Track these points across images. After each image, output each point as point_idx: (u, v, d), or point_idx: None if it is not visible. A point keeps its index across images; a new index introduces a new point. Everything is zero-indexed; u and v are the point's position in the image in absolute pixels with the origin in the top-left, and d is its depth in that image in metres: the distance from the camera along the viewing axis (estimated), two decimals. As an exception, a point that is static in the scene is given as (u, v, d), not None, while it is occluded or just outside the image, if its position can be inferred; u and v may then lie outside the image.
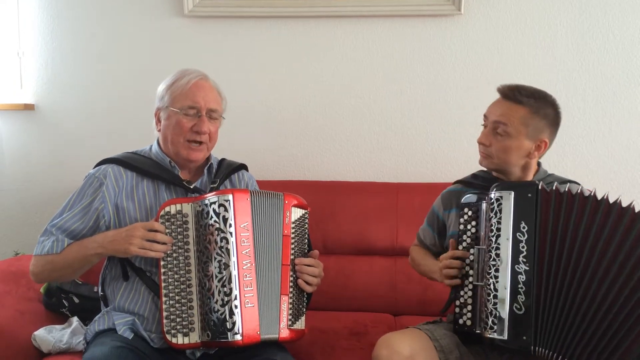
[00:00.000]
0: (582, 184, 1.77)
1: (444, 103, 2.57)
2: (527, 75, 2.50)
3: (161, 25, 2.62)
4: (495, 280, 1.52)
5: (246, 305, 1.57)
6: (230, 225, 1.58)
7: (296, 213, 1.71)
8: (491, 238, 1.55)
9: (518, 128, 1.66)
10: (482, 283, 1.56)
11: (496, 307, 1.51)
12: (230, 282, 1.56)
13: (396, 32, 2.56)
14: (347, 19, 2.56)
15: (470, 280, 1.60)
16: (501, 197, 1.55)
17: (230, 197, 1.60)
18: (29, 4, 2.65)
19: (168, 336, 1.58)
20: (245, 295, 1.57)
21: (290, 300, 1.65)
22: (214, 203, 1.59)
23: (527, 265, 1.51)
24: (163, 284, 1.60)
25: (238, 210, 1.60)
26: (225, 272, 1.57)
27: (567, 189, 1.53)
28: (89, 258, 1.65)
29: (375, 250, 2.37)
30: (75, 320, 1.97)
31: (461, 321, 1.61)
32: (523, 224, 1.52)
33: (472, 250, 1.61)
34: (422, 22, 2.54)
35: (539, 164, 1.79)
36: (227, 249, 1.57)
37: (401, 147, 2.60)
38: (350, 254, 2.38)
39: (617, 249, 1.46)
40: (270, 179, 2.49)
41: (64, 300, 2.05)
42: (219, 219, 1.58)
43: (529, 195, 1.54)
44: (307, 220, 1.75)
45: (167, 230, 1.61)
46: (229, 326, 1.54)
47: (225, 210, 1.58)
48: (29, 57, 2.67)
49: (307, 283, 1.69)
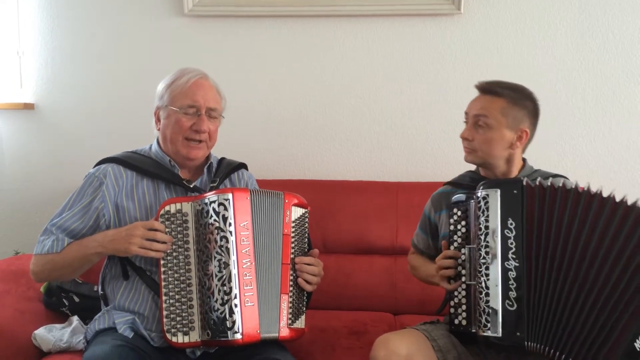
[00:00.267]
0: (569, 178, 1.79)
1: (443, 102, 2.57)
2: (527, 75, 2.51)
3: (161, 24, 2.62)
4: (487, 278, 1.53)
5: (246, 304, 1.57)
6: (230, 224, 1.58)
7: (296, 212, 1.71)
8: (480, 236, 1.56)
9: (498, 119, 1.70)
10: (474, 282, 1.57)
11: (488, 304, 1.52)
12: (230, 281, 1.56)
13: (396, 32, 2.56)
14: (347, 18, 2.56)
15: (463, 279, 1.61)
16: (487, 195, 1.57)
17: (229, 196, 1.60)
18: (29, 4, 2.65)
19: (168, 335, 1.58)
20: (245, 294, 1.57)
21: (290, 299, 1.65)
22: (213, 202, 1.59)
23: (517, 261, 1.52)
24: (163, 283, 1.60)
25: (238, 209, 1.60)
26: (225, 271, 1.56)
27: (550, 183, 1.55)
28: (89, 257, 1.65)
29: (375, 250, 2.37)
30: (75, 320, 1.97)
31: (457, 321, 1.61)
32: (510, 220, 1.54)
33: (463, 250, 1.62)
34: (422, 22, 2.54)
35: (524, 160, 1.81)
36: (226, 248, 1.57)
37: (401, 146, 2.60)
38: (350, 253, 2.38)
39: (599, 238, 1.48)
40: (270, 179, 2.49)
41: (64, 300, 2.05)
42: (218, 218, 1.58)
43: (515, 191, 1.56)
44: (307, 220, 1.75)
45: (167, 230, 1.61)
46: (229, 325, 1.54)
47: (225, 209, 1.58)
48: (28, 56, 2.67)
49: (307, 282, 1.69)
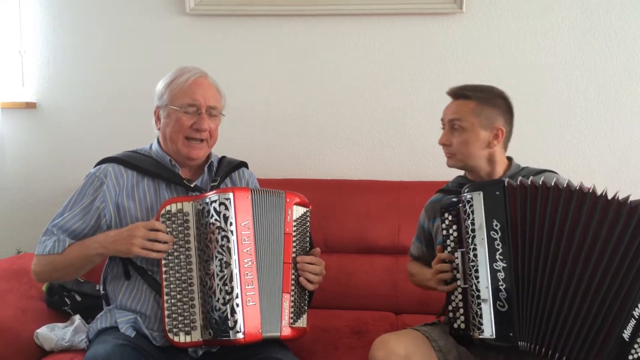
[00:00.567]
0: (558, 172, 1.80)
1: (445, 101, 2.54)
2: (529, 74, 2.51)
3: (162, 23, 2.62)
4: (477, 281, 1.54)
5: (248, 304, 1.56)
6: (231, 223, 1.58)
7: (298, 211, 1.70)
8: (468, 240, 1.57)
9: (471, 120, 1.73)
10: (467, 285, 1.58)
11: (480, 307, 1.52)
12: (231, 281, 1.56)
13: (398, 31, 2.56)
14: (349, 17, 2.56)
15: (459, 283, 1.61)
16: (471, 198, 1.58)
17: (230, 195, 1.59)
18: (30, 3, 2.65)
19: (170, 335, 1.58)
20: (247, 293, 1.57)
21: (292, 298, 1.65)
22: (214, 201, 1.59)
23: (505, 262, 1.53)
24: (164, 283, 1.59)
25: (239, 208, 1.60)
26: (226, 271, 1.56)
27: (531, 182, 1.55)
28: (90, 258, 1.65)
29: (376, 249, 2.37)
30: (77, 318, 1.97)
31: (455, 325, 1.61)
32: (495, 222, 1.55)
33: (456, 254, 1.62)
34: (424, 21, 2.54)
35: (510, 159, 1.82)
36: (228, 248, 1.57)
37: (403, 145, 2.60)
38: (351, 252, 2.38)
39: (582, 233, 1.49)
40: (272, 178, 2.49)
41: (66, 299, 2.05)
42: (219, 217, 1.58)
43: (497, 192, 1.57)
44: (308, 219, 1.74)
45: (168, 229, 1.60)
46: (231, 324, 1.54)
47: (226, 208, 1.58)
48: (30, 55, 2.68)
49: (308, 281, 1.69)
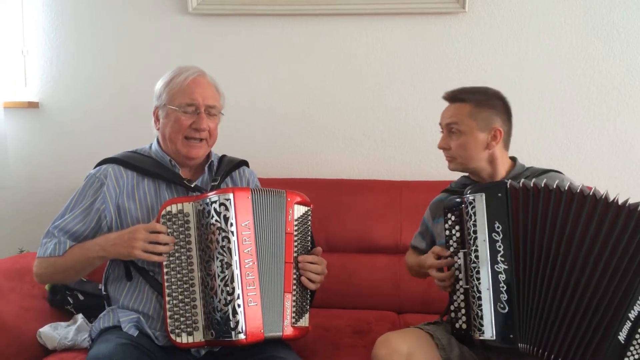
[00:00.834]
0: (563, 172, 1.79)
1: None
2: (531, 73, 2.50)
3: (165, 23, 2.62)
4: (478, 283, 1.54)
5: (249, 304, 1.56)
6: (231, 224, 1.57)
7: (299, 210, 1.70)
8: (469, 241, 1.58)
9: (468, 123, 1.73)
10: (469, 286, 1.58)
11: (481, 308, 1.53)
12: (232, 282, 1.55)
13: (400, 30, 2.55)
14: (351, 17, 2.55)
15: (461, 284, 1.62)
16: (474, 199, 1.58)
17: (230, 196, 1.59)
18: (33, 2, 2.65)
19: (172, 335, 1.58)
20: (248, 294, 1.57)
21: (294, 298, 1.65)
22: (214, 202, 1.58)
23: (506, 264, 1.53)
24: (166, 284, 1.59)
25: (239, 208, 1.59)
26: (227, 272, 1.56)
27: (533, 183, 1.55)
28: (91, 261, 1.65)
29: (378, 248, 2.37)
30: (80, 318, 1.98)
31: (457, 325, 1.62)
32: (497, 223, 1.55)
33: (459, 254, 1.63)
34: (426, 20, 2.53)
35: (514, 159, 1.82)
36: (228, 248, 1.57)
37: (405, 145, 2.60)
38: (353, 251, 2.38)
39: (581, 235, 1.49)
40: (273, 177, 2.49)
41: (68, 298, 2.06)
42: (220, 218, 1.57)
43: (499, 194, 1.57)
44: (310, 218, 1.74)
45: (169, 230, 1.60)
46: (233, 325, 1.54)
47: (226, 209, 1.58)
48: (33, 55, 2.68)
49: (310, 280, 1.68)
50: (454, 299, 1.63)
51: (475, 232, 1.56)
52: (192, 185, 1.74)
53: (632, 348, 1.42)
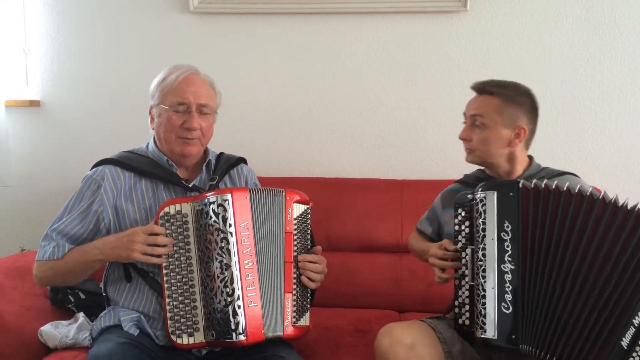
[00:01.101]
0: (579, 176, 1.78)
1: (449, 100, 2.56)
2: (532, 72, 2.50)
3: (166, 21, 2.62)
4: (484, 281, 1.53)
5: (249, 305, 1.56)
6: (230, 225, 1.57)
7: (298, 209, 1.69)
8: (478, 239, 1.56)
9: (493, 118, 1.70)
10: (474, 283, 1.57)
11: (485, 307, 1.52)
12: (232, 283, 1.55)
13: (401, 29, 2.55)
14: (352, 15, 2.55)
15: (466, 280, 1.61)
16: (485, 197, 1.57)
17: (228, 196, 1.58)
18: (34, 1, 2.65)
19: (173, 337, 1.57)
20: (248, 294, 1.56)
21: (294, 297, 1.65)
22: (212, 203, 1.57)
23: (513, 264, 1.52)
24: (166, 285, 1.59)
25: (237, 209, 1.58)
26: (227, 273, 1.55)
27: (545, 185, 1.53)
28: (90, 264, 1.64)
29: (379, 247, 2.37)
30: (81, 316, 1.98)
31: (460, 321, 1.62)
32: (507, 223, 1.53)
33: (467, 250, 1.62)
34: (428, 19, 2.53)
35: (531, 158, 1.80)
36: (227, 249, 1.56)
37: (406, 144, 2.60)
38: (354, 250, 2.38)
39: (589, 239, 1.47)
40: (274, 176, 2.49)
41: (69, 296, 2.06)
42: (218, 219, 1.57)
43: (511, 194, 1.55)
44: (309, 216, 1.73)
45: (168, 231, 1.59)
46: (233, 326, 1.54)
47: (225, 210, 1.57)
48: (34, 53, 2.68)
49: (310, 280, 1.68)
50: (459, 294, 1.62)
51: (484, 230, 1.55)
52: (190, 185, 1.73)
53: (634, 354, 1.41)
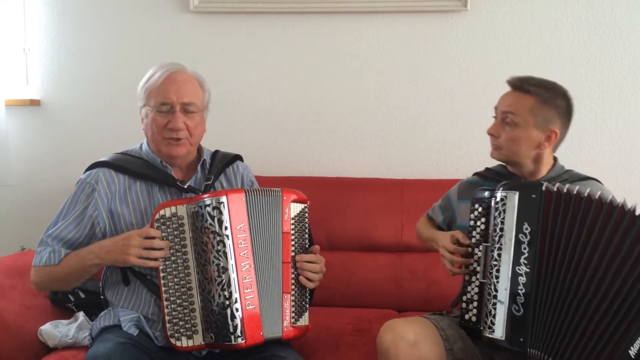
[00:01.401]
0: (602, 182, 1.75)
1: (449, 99, 2.56)
2: (533, 72, 2.47)
3: (166, 21, 2.62)
4: (496, 281, 1.51)
5: (247, 307, 1.55)
6: (226, 227, 1.55)
7: (295, 208, 1.68)
8: (494, 237, 1.54)
9: (526, 118, 1.65)
10: (486, 281, 1.56)
11: (495, 307, 1.50)
12: (229, 286, 1.54)
13: (401, 28, 2.55)
14: (352, 15, 2.55)
15: (477, 277, 1.59)
16: (506, 197, 1.53)
17: (224, 199, 1.56)
18: (34, 1, 2.65)
19: (172, 340, 1.57)
20: (246, 297, 1.55)
21: (293, 297, 1.64)
22: (208, 205, 1.55)
23: (528, 267, 1.49)
24: (163, 288, 1.58)
25: (233, 211, 1.57)
26: (224, 276, 1.54)
27: (567, 189, 1.50)
28: (87, 269, 1.63)
29: (379, 247, 2.37)
30: (81, 315, 1.97)
31: (467, 316, 1.61)
32: (526, 225, 1.50)
33: (480, 247, 1.60)
34: (428, 18, 2.53)
35: (555, 158, 1.77)
36: (224, 252, 1.55)
37: (406, 143, 2.60)
38: (354, 250, 2.38)
39: (605, 246, 1.44)
40: (274, 175, 2.49)
41: (69, 295, 2.05)
42: (214, 222, 1.55)
43: (533, 196, 1.51)
44: (307, 215, 1.71)
45: (164, 234, 1.57)
46: (231, 329, 1.53)
47: (220, 213, 1.55)
48: (34, 53, 2.68)
49: (308, 280, 1.67)
50: (468, 290, 1.61)
51: (502, 229, 1.52)
52: (186, 187, 1.71)
53: None
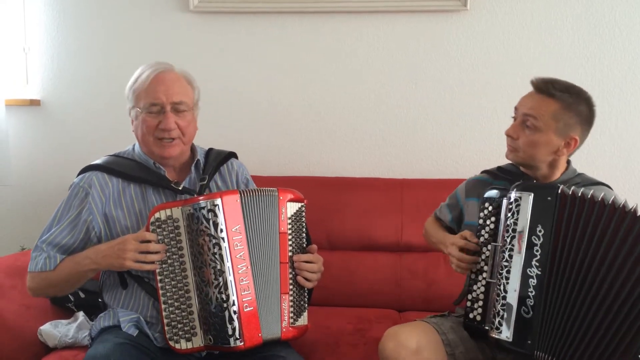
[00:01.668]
0: (612, 188, 1.73)
1: (449, 99, 2.56)
2: (532, 71, 2.47)
3: (166, 20, 2.62)
4: (506, 282, 1.50)
5: (245, 310, 1.54)
6: (221, 230, 1.54)
7: (292, 208, 1.66)
8: (506, 238, 1.52)
9: (548, 122, 1.62)
10: (494, 281, 1.54)
11: (504, 308, 1.49)
12: (226, 289, 1.53)
13: (401, 28, 2.55)
14: (352, 14, 2.55)
15: (484, 276, 1.58)
16: (520, 197, 1.51)
17: (218, 201, 1.54)
18: (34, 1, 2.65)
19: (171, 342, 1.56)
20: (244, 299, 1.54)
21: (291, 298, 1.63)
22: (203, 208, 1.54)
23: (540, 269, 1.48)
24: (161, 291, 1.56)
25: (228, 213, 1.55)
26: (220, 279, 1.53)
27: (581, 193, 1.49)
28: (83, 274, 1.62)
29: (379, 246, 2.37)
30: (81, 315, 1.98)
31: (471, 315, 1.60)
32: (540, 227, 1.49)
33: (489, 246, 1.59)
34: (428, 18, 2.53)
35: (569, 162, 1.75)
36: (220, 255, 1.54)
37: (406, 143, 2.60)
38: (354, 249, 2.38)
39: (616, 250, 1.44)
40: (274, 175, 2.49)
41: (69, 295, 2.05)
42: (209, 224, 1.54)
43: (549, 198, 1.50)
44: (304, 214, 1.69)
45: (159, 237, 1.56)
46: (230, 332, 1.52)
47: (215, 215, 1.54)
48: (34, 52, 2.68)
49: (306, 279, 1.66)
50: (474, 289, 1.60)
51: (514, 230, 1.50)
52: (180, 188, 1.69)
53: None
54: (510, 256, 1.50)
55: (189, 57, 2.57)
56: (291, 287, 1.64)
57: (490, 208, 1.61)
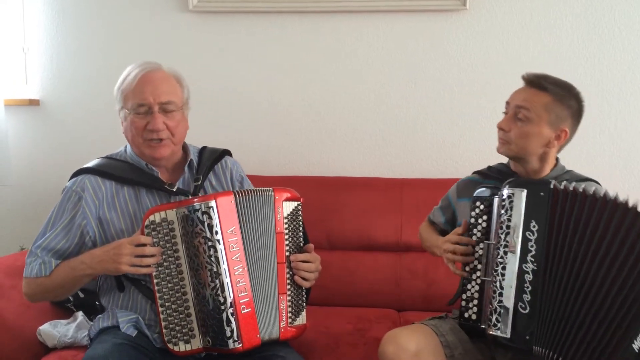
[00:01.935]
0: (600, 184, 1.75)
1: (448, 99, 2.56)
2: (532, 71, 2.49)
3: (165, 20, 2.62)
4: (502, 278, 1.50)
5: (242, 311, 1.53)
6: (216, 232, 1.53)
7: (288, 207, 1.65)
8: (500, 235, 1.53)
9: (540, 114, 1.64)
10: (489, 279, 1.55)
11: (501, 304, 1.49)
12: (223, 291, 1.52)
13: (401, 28, 2.55)
14: (352, 14, 2.55)
15: (478, 274, 1.59)
16: (513, 194, 1.52)
17: (213, 203, 1.53)
18: (33, 0, 2.65)
19: (170, 345, 1.55)
20: (241, 301, 1.54)
21: (289, 298, 1.63)
22: (197, 210, 1.52)
23: (535, 264, 1.49)
24: (158, 294, 1.55)
25: (223, 215, 1.54)
26: (217, 281, 1.52)
27: (573, 187, 1.51)
28: (79, 279, 1.61)
29: (379, 246, 2.37)
30: (80, 315, 1.97)
31: (467, 315, 1.60)
32: (534, 222, 1.50)
33: (481, 245, 1.60)
34: (427, 18, 2.53)
35: (557, 159, 1.76)
36: (216, 257, 1.52)
37: (406, 143, 2.60)
38: (354, 249, 2.38)
39: (609, 243, 1.45)
40: (274, 175, 2.49)
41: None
42: (204, 227, 1.52)
43: (542, 194, 1.51)
44: (300, 213, 1.68)
45: (154, 240, 1.55)
46: (228, 334, 1.52)
47: (210, 217, 1.52)
48: (34, 52, 2.68)
49: (304, 279, 1.65)
50: (468, 288, 1.61)
51: (508, 227, 1.51)
52: (174, 189, 1.67)
53: None
54: (505, 253, 1.51)
55: (188, 57, 2.57)
56: (289, 287, 1.63)
57: (481, 207, 1.62)
